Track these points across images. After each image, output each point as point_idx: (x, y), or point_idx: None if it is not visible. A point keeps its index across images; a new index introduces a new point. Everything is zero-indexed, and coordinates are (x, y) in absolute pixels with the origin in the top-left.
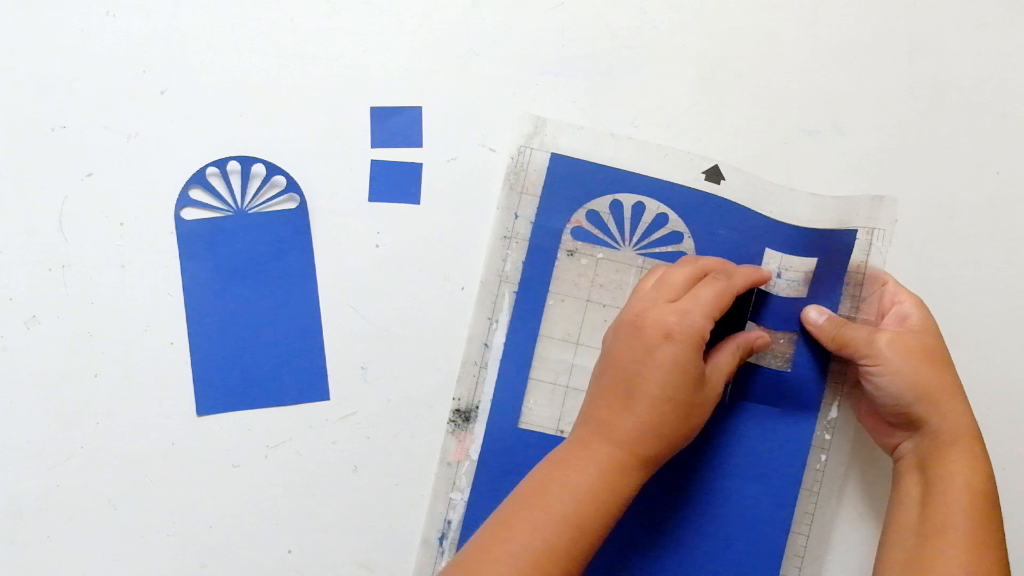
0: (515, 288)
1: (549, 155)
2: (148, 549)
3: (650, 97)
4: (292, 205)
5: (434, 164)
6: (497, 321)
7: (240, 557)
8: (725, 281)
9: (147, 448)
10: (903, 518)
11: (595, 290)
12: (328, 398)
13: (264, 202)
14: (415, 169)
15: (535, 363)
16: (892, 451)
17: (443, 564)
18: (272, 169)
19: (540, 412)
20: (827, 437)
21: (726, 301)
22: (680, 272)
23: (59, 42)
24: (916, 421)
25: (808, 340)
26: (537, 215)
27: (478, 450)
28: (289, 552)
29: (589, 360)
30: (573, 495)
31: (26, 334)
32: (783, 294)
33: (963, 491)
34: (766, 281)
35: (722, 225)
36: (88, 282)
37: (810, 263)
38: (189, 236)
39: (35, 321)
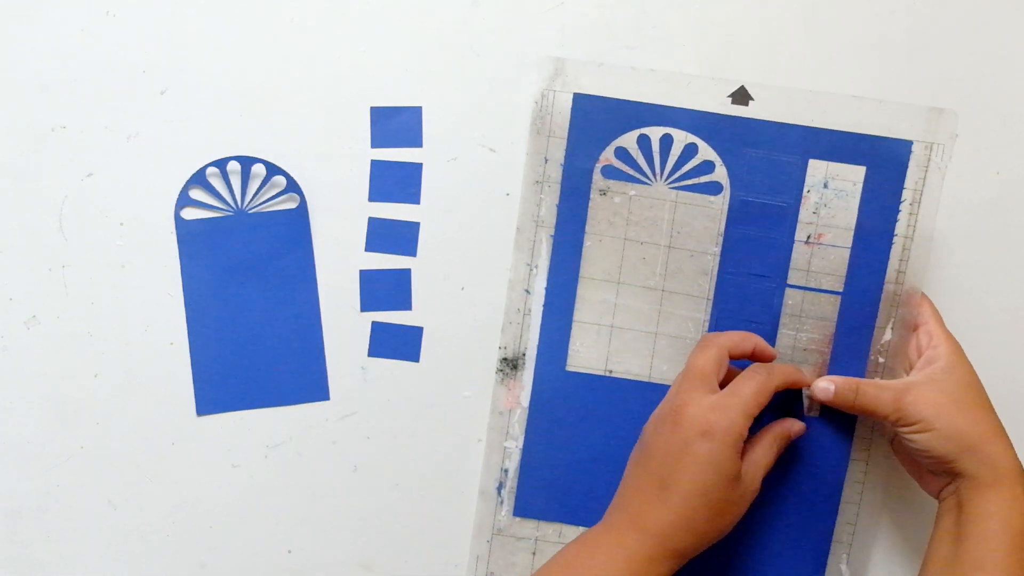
0: (551, 232)
1: (572, 95)
2: (148, 549)
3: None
4: (292, 205)
5: (434, 164)
6: (537, 266)
7: (240, 557)
8: (764, 376)
9: (147, 448)
10: (940, 553)
11: (631, 228)
12: (328, 398)
13: (264, 202)
14: (415, 169)
15: (578, 305)
16: (937, 494)
17: (503, 513)
18: (272, 169)
19: (587, 354)
20: (881, 360)
21: (764, 398)
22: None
23: (59, 42)
24: (955, 470)
25: (861, 262)
26: (566, 157)
27: (528, 396)
28: (289, 552)
29: (631, 299)
30: None
31: (26, 334)
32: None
33: (1001, 530)
34: (806, 385)
35: (756, 146)
36: (88, 282)
37: (859, 172)
38: (189, 236)
39: (35, 321)
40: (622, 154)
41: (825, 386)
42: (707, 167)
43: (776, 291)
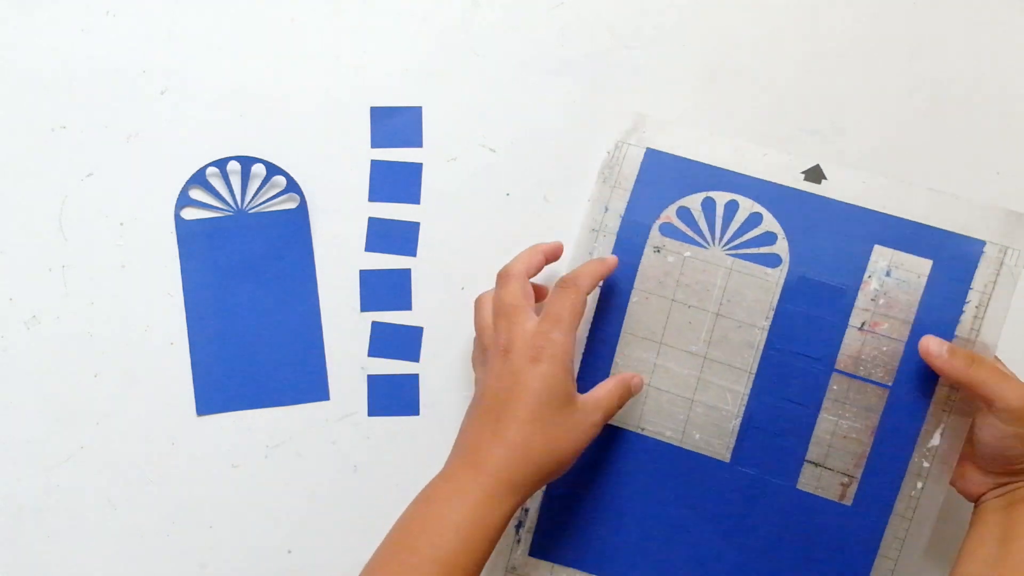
0: (600, 282)
1: (644, 150)
2: (148, 549)
3: (650, 97)
4: (292, 205)
5: (434, 164)
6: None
7: (240, 557)
8: (574, 290)
9: (147, 448)
10: (981, 553)
11: (680, 289)
12: (328, 398)
13: (264, 202)
14: (415, 169)
15: (617, 359)
16: (976, 497)
17: (519, 552)
18: (272, 169)
19: (622, 408)
20: (925, 465)
21: (581, 308)
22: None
23: (59, 42)
24: (1018, 473)
25: (914, 357)
26: (627, 210)
27: None
28: (289, 552)
29: (672, 362)
30: (441, 533)
31: (26, 334)
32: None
33: None
34: (609, 270)
35: (822, 224)
36: (88, 282)
37: (924, 264)
38: (189, 236)
39: (35, 321)
40: (684, 214)
41: (938, 347)
42: (769, 238)
43: (822, 374)
